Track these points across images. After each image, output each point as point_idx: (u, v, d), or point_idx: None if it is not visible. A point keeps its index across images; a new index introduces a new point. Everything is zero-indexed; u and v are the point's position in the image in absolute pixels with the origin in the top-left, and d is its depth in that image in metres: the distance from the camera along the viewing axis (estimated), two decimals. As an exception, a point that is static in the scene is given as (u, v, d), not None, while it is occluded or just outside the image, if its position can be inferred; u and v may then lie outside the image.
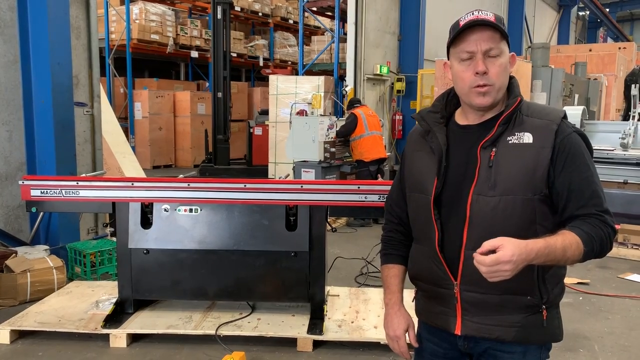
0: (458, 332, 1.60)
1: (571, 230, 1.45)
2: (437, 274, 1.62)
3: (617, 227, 6.14)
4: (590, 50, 12.65)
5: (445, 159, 1.60)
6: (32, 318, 3.82)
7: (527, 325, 1.54)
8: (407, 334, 1.76)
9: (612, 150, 6.63)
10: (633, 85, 7.28)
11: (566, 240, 1.42)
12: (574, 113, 6.85)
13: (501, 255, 1.32)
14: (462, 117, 1.66)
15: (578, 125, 6.70)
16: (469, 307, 1.58)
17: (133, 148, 10.67)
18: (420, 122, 1.70)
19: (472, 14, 1.54)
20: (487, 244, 1.34)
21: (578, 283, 4.99)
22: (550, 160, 1.50)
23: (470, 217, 1.54)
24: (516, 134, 1.54)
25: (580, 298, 4.71)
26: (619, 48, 13.15)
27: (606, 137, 7.03)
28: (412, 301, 1.80)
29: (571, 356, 3.60)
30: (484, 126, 1.59)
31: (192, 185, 3.68)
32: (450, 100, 1.69)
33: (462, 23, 1.53)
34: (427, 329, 1.75)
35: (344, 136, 7.54)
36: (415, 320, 1.80)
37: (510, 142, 1.53)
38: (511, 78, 1.63)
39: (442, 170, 1.59)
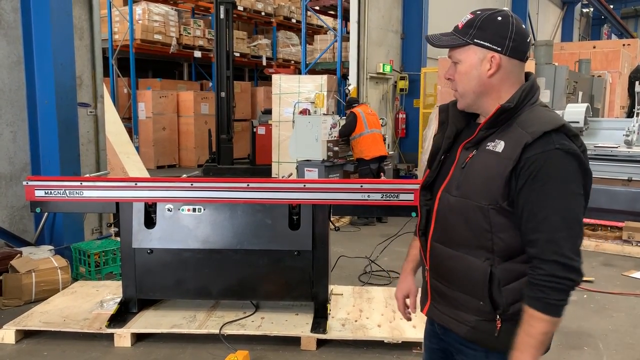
0: (424, 312, 1.74)
1: (531, 307, 1.43)
2: (422, 256, 1.74)
3: (621, 224, 6.03)
4: (594, 47, 12.59)
5: (447, 152, 1.65)
6: (37, 318, 3.84)
7: (478, 328, 1.55)
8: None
9: (616, 147, 6.60)
10: (637, 82, 7.24)
11: (529, 327, 1.43)
12: (577, 110, 6.82)
13: None
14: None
15: (581, 123, 6.66)
16: (435, 295, 1.68)
17: (137, 148, 10.70)
18: (441, 113, 1.72)
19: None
20: None
21: (583, 281, 4.97)
22: (510, 173, 1.44)
23: (436, 211, 1.62)
24: (495, 140, 1.51)
25: (585, 296, 4.70)
26: (623, 45, 13.07)
27: (610, 135, 7.00)
28: None
29: (575, 354, 3.59)
30: (475, 127, 1.62)
31: (195, 185, 3.69)
32: None
33: None
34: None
35: (346, 135, 7.56)
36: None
37: (487, 148, 1.52)
38: (527, 78, 1.57)
39: (438, 162, 1.66)
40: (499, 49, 1.50)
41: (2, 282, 4.34)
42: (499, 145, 1.49)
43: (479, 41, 1.51)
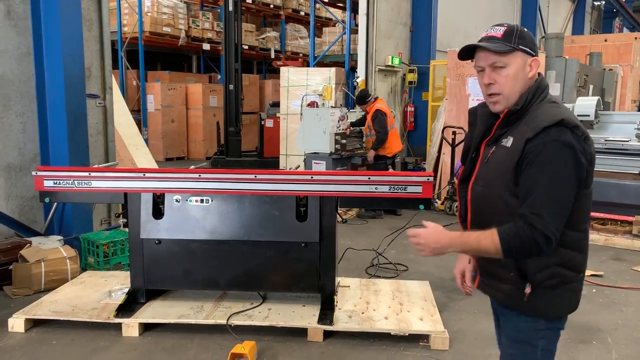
0: (475, 286, 1.99)
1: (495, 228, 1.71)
2: None
3: (632, 219, 5.95)
4: (605, 41, 12.45)
5: (477, 150, 1.92)
6: (46, 307, 3.87)
7: (511, 295, 1.83)
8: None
9: (628, 141, 6.54)
10: (649, 76, 7.16)
11: (481, 234, 1.71)
12: (588, 104, 6.75)
13: (419, 231, 1.75)
14: None
15: (592, 117, 6.58)
16: (481, 270, 1.95)
17: (146, 140, 10.75)
18: (470, 115, 2.00)
19: (487, 31, 1.79)
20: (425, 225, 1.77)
21: (592, 275, 4.94)
22: (516, 164, 1.72)
23: (470, 201, 1.92)
24: (508, 137, 1.78)
25: (594, 290, 4.67)
26: (635, 38, 12.91)
27: (621, 128, 6.93)
28: None
29: (584, 348, 3.57)
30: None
31: (203, 175, 3.70)
32: None
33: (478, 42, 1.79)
34: None
35: (385, 135, 7.22)
36: None
37: (501, 143, 1.81)
38: (541, 81, 1.81)
39: (470, 159, 1.94)
40: (534, 54, 1.79)
41: (12, 271, 4.38)
42: (509, 141, 1.77)
43: (523, 47, 1.76)
